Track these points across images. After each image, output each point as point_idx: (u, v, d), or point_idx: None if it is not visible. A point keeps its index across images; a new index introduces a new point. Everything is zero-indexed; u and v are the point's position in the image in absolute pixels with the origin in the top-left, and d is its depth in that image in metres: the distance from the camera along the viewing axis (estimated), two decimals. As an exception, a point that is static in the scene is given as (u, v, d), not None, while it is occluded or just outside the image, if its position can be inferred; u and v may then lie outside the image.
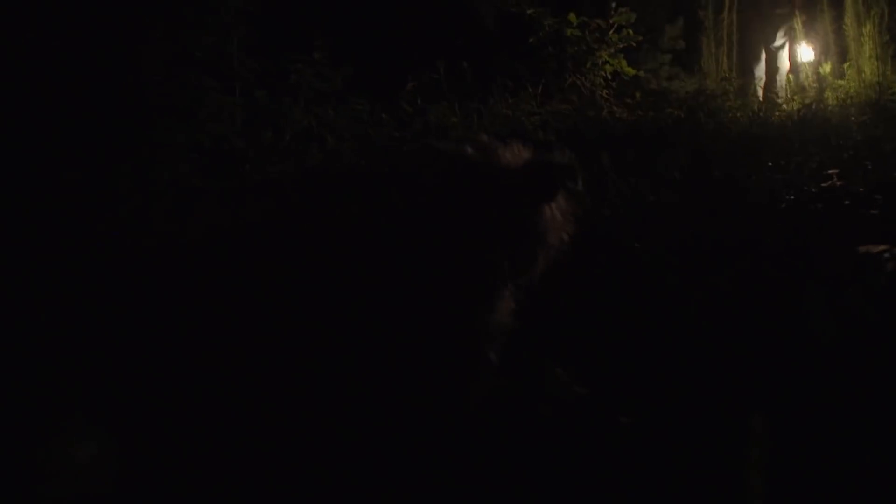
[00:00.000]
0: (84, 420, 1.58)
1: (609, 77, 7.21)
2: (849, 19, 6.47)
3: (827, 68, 6.64)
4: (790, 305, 2.05)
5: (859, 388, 1.65)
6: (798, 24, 7.01)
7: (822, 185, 3.25)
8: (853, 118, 5.02)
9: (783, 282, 2.23)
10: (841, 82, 6.28)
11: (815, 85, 6.53)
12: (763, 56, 7.31)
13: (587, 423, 1.67)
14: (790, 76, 7.19)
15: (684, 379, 1.86)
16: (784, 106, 5.97)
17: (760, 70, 7.34)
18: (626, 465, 1.58)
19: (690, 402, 1.74)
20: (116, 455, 1.53)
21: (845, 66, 6.50)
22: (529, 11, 7.80)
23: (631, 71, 7.12)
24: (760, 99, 6.46)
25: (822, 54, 6.87)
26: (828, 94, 6.13)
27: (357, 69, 6.86)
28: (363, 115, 6.44)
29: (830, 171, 3.45)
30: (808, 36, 7.23)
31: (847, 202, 2.93)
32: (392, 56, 7.10)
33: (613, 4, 7.20)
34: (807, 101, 6.13)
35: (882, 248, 2.32)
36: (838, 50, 6.69)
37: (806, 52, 7.27)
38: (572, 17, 7.29)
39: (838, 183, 3.27)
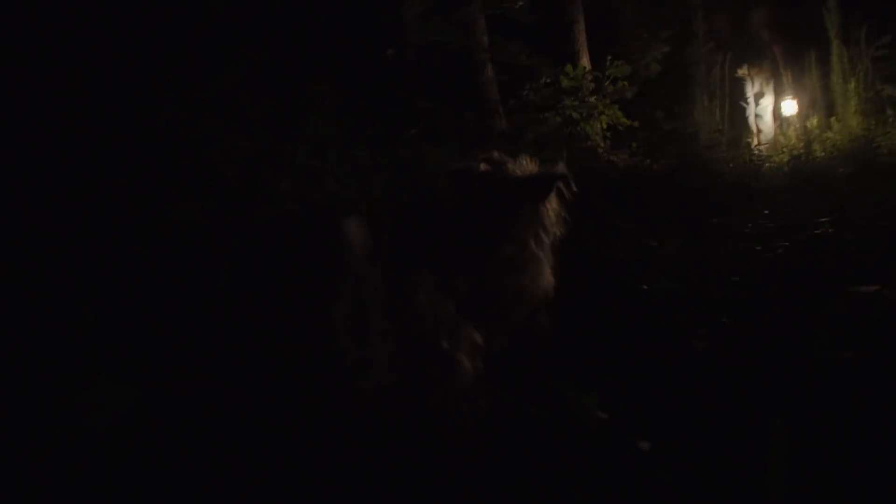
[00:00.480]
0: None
1: (605, 127, 7.44)
2: (835, 76, 6.76)
3: (814, 121, 6.90)
4: (792, 341, 2.19)
5: (859, 414, 1.78)
6: (788, 79, 7.31)
7: (816, 232, 3.43)
8: (840, 169, 5.23)
9: (785, 320, 2.38)
10: (828, 135, 6.53)
11: (802, 137, 6.77)
12: (753, 109, 7.61)
13: (608, 447, 1.79)
14: (779, 129, 7.49)
15: (692, 406, 1.99)
16: (774, 158, 6.20)
17: (751, 122, 7.63)
18: (648, 487, 1.70)
19: (699, 426, 1.86)
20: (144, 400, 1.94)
21: (832, 119, 6.76)
22: (527, 63, 8.05)
23: (626, 121, 7.35)
24: (752, 150, 6.69)
25: (810, 108, 7.15)
26: (815, 146, 6.37)
27: (359, 117, 7.04)
28: (365, 160, 6.59)
29: (822, 220, 3.63)
30: (794, 91, 7.53)
31: (840, 249, 3.10)
32: (393, 104, 7.30)
33: (609, 58, 7.46)
34: (795, 153, 6.38)
35: (875, 288, 2.49)
36: (825, 104, 6.97)
37: (790, 107, 7.57)
38: (569, 68, 7.53)
39: (830, 230, 3.44)
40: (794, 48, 7.38)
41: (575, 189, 2.40)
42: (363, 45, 7.28)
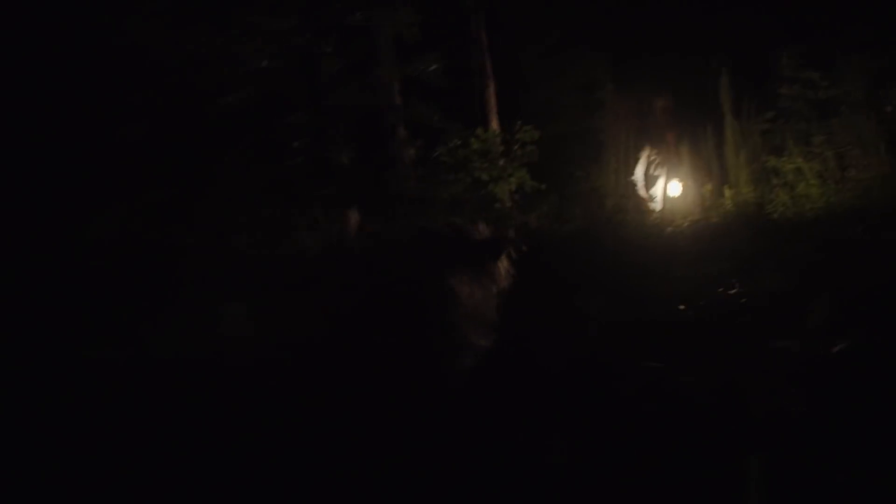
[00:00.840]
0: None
1: (513, 189, 7.66)
2: (728, 148, 7.25)
3: (709, 188, 7.36)
4: (720, 391, 2.33)
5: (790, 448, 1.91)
6: (680, 159, 7.84)
7: (729, 291, 3.64)
8: (738, 233, 5.57)
9: (718, 377, 2.51)
10: (722, 201, 6.96)
11: (699, 203, 7.19)
12: (650, 185, 8.10)
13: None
14: (668, 204, 8.00)
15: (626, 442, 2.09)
16: (676, 222, 6.55)
17: (651, 190, 8.08)
18: None
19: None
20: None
21: (725, 187, 7.21)
22: (440, 125, 8.22)
23: (534, 184, 7.60)
24: (653, 216, 7.05)
25: (706, 176, 7.61)
26: (711, 212, 6.77)
27: (273, 174, 7.01)
28: (277, 217, 6.53)
29: (732, 280, 3.86)
30: (683, 173, 8.12)
31: (754, 306, 3.31)
32: (308, 163, 7.30)
33: (519, 122, 7.73)
34: (690, 218, 6.78)
35: (790, 342, 2.68)
36: (720, 172, 7.44)
37: (675, 188, 8.15)
38: (480, 131, 7.75)
39: (741, 290, 3.66)
40: (690, 127, 7.90)
41: (523, 249, 3.09)
42: (279, 102, 7.29)
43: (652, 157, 8.28)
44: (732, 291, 3.64)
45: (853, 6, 7.04)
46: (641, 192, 8.21)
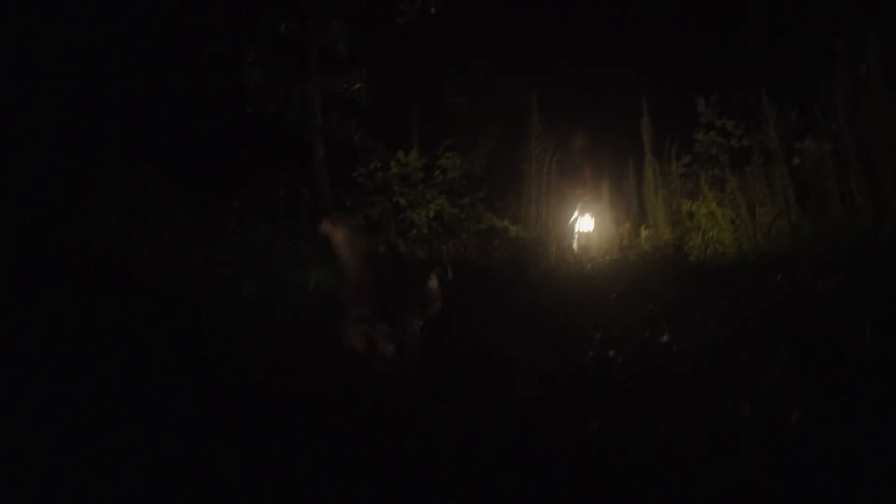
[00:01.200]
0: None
1: (432, 216, 7.52)
2: (647, 188, 7.31)
3: (627, 227, 7.39)
4: (673, 458, 2.18)
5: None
6: (599, 196, 7.87)
7: (661, 339, 3.53)
8: (658, 275, 5.53)
9: (658, 429, 2.36)
10: (640, 241, 6.99)
11: (617, 242, 7.20)
12: (574, 215, 8.08)
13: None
14: (584, 240, 8.01)
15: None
16: (596, 259, 6.50)
17: (570, 226, 8.05)
18: None
19: None
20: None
21: (642, 227, 7.25)
22: (361, 145, 8.02)
23: (454, 212, 7.47)
24: (574, 251, 7.01)
25: (625, 214, 7.65)
26: (630, 251, 6.78)
27: (183, 182, 6.64)
28: (185, 226, 6.20)
29: (660, 325, 3.76)
30: (606, 203, 8.15)
31: (688, 354, 3.20)
32: (221, 173, 6.98)
33: (441, 149, 7.61)
34: (609, 256, 6.76)
35: (740, 403, 2.54)
36: (640, 211, 7.49)
37: (588, 223, 8.21)
38: (400, 154, 7.59)
39: (671, 336, 3.56)
40: (611, 164, 7.96)
41: (450, 275, 3.38)
42: (195, 109, 6.95)
43: (571, 195, 8.30)
44: (664, 339, 3.53)
45: (772, 60, 7.26)
46: (563, 227, 8.22)
